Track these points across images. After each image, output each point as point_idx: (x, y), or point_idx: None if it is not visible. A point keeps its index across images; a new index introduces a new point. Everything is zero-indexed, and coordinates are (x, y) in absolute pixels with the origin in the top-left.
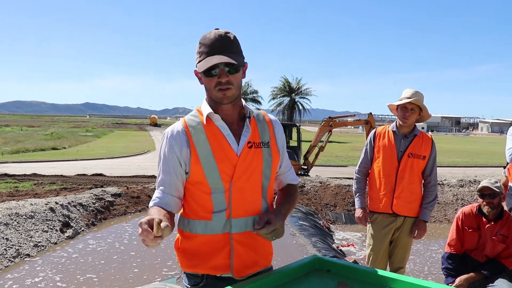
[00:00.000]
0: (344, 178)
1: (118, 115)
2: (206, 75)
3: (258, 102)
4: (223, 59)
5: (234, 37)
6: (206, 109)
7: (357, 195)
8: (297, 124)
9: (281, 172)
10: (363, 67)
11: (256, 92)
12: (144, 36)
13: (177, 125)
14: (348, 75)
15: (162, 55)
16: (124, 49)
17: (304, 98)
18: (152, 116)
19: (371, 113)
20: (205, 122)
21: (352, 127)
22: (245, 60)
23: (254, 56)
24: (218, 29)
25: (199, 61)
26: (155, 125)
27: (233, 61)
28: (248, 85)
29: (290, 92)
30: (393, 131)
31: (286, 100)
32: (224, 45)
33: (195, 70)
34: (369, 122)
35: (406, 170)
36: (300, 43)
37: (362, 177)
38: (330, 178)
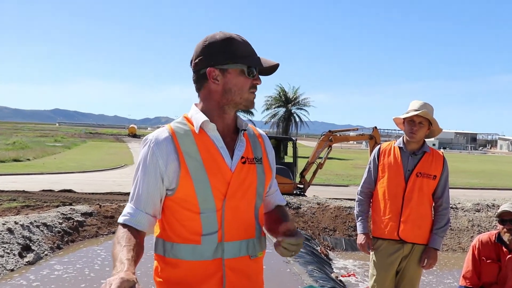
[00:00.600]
0: (345, 199)
1: (92, 123)
2: (248, 74)
3: (250, 112)
4: (272, 61)
5: None
6: (200, 116)
7: (359, 219)
8: (293, 138)
9: (270, 192)
10: (367, 76)
11: None
12: (124, 37)
13: (162, 132)
14: (350, 86)
15: (144, 60)
16: (101, 51)
17: (302, 109)
18: (131, 126)
19: (376, 127)
20: (197, 131)
21: (355, 143)
22: None
23: None
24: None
25: (248, 59)
26: (134, 136)
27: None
28: None
29: (286, 103)
30: (400, 148)
31: (282, 111)
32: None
33: (210, 69)
34: (373, 137)
35: (414, 191)
36: (298, 49)
37: (365, 199)
38: (329, 199)
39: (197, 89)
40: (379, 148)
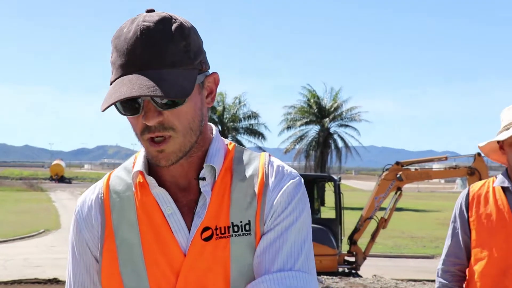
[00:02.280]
0: (429, 281)
1: None
2: (124, 111)
3: (259, 134)
4: (135, 85)
5: (176, 28)
6: (138, 163)
7: None
8: (335, 177)
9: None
10: (457, 70)
11: (255, 116)
12: (43, 20)
13: (95, 189)
14: (430, 85)
15: (74, 51)
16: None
17: (347, 126)
18: (55, 162)
19: (479, 154)
20: (133, 188)
21: (442, 181)
22: (208, 68)
23: (248, 51)
24: (152, 10)
25: (111, 82)
26: (61, 179)
27: (158, 91)
28: (239, 103)
29: (321, 116)
30: (504, 189)
31: (313, 130)
32: (147, 51)
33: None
34: (475, 172)
35: None
36: (338, 30)
37: (452, 284)
38: (402, 280)
39: None
40: (468, 193)
